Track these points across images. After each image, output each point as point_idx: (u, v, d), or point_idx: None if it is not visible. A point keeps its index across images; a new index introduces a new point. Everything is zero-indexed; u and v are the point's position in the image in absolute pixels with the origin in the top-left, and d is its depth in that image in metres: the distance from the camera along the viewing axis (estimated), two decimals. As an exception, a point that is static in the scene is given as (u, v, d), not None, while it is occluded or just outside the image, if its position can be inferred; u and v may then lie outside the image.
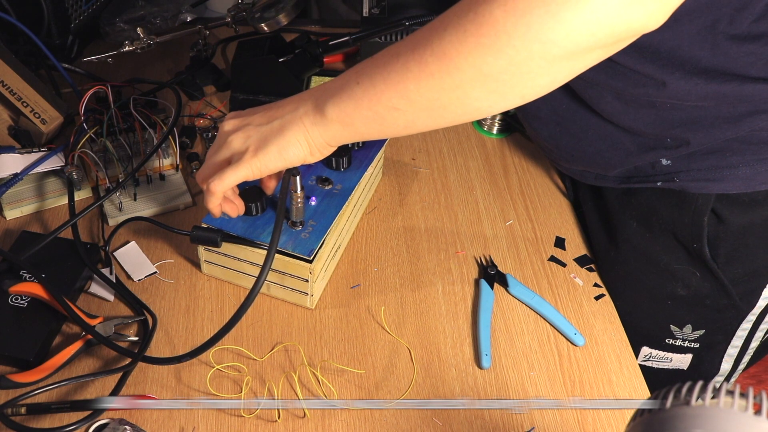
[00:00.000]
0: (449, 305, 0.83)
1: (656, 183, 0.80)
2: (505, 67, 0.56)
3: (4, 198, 0.88)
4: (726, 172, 0.76)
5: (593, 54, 0.56)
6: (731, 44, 0.68)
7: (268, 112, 0.71)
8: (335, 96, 0.66)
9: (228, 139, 0.72)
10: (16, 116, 0.93)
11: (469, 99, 0.60)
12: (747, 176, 0.75)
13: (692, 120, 0.74)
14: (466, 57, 0.57)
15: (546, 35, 0.53)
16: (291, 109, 0.69)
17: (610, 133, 0.80)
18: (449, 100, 0.60)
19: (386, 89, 0.62)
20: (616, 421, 0.73)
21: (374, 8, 1.08)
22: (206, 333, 0.78)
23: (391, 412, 0.72)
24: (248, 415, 0.71)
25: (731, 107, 0.72)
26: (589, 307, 0.84)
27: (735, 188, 0.76)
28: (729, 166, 0.76)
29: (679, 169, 0.78)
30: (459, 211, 0.94)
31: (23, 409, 0.69)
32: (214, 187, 0.71)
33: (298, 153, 0.69)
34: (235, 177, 0.70)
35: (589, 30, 0.53)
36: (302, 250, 0.76)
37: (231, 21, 1.05)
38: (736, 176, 0.76)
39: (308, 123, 0.68)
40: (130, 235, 0.87)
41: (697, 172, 0.77)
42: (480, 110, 0.62)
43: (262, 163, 0.69)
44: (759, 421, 0.41)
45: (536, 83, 0.58)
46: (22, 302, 0.76)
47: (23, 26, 0.95)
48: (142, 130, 0.93)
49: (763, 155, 0.75)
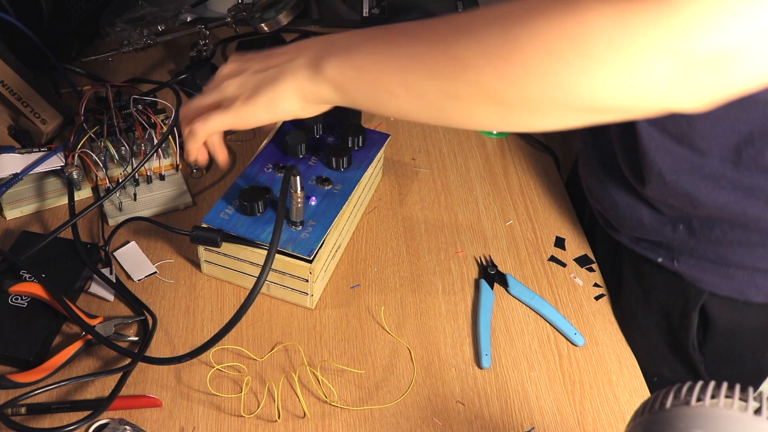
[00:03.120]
0: (449, 305, 0.83)
1: (658, 258, 0.77)
2: (515, 97, 0.52)
3: (4, 198, 0.88)
4: (723, 270, 0.72)
5: (611, 115, 0.52)
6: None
7: (267, 60, 0.67)
8: (338, 56, 0.61)
9: (223, 84, 0.68)
10: (16, 116, 0.93)
11: (469, 113, 0.56)
12: (742, 282, 0.72)
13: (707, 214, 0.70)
14: (478, 75, 0.52)
15: (568, 86, 0.48)
16: (289, 58, 0.64)
17: (632, 198, 0.77)
18: (449, 107, 0.57)
19: (391, 72, 0.58)
20: (616, 421, 0.73)
21: (374, 8, 1.09)
22: (206, 333, 0.78)
23: (391, 411, 0.72)
24: (248, 415, 0.71)
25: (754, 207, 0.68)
26: (589, 307, 0.84)
27: (727, 291, 0.73)
28: (727, 265, 0.72)
29: (681, 252, 0.75)
30: (459, 211, 0.94)
31: (23, 409, 0.69)
32: (197, 128, 0.68)
33: (289, 108, 0.65)
34: (221, 122, 0.67)
35: (615, 94, 0.47)
36: (302, 250, 0.76)
37: (231, 21, 1.05)
38: (731, 278, 0.72)
39: (303, 77, 0.62)
40: (130, 235, 0.87)
41: (696, 261, 0.74)
42: (477, 125, 0.58)
43: (250, 114, 0.66)
44: (759, 421, 0.41)
45: (542, 121, 0.54)
46: (22, 302, 0.76)
47: (23, 26, 0.95)
48: (142, 130, 0.93)
49: (764, 264, 0.71)
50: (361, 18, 1.08)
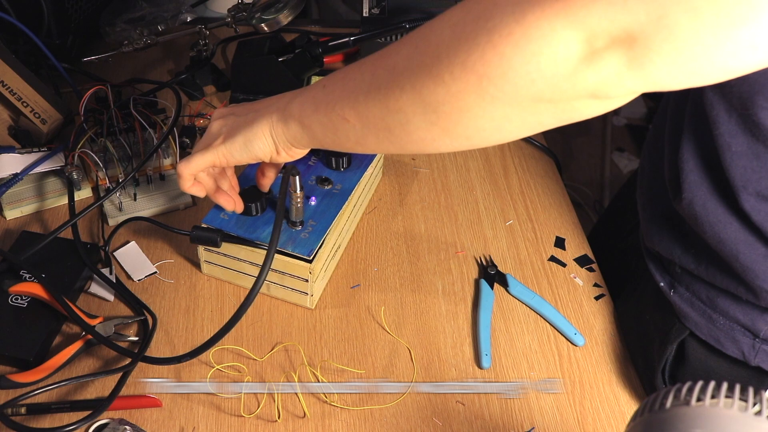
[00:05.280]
0: (449, 305, 0.83)
1: (660, 283, 0.75)
2: (443, 96, 0.52)
3: (4, 198, 0.88)
4: (709, 313, 0.71)
5: (541, 109, 0.51)
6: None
7: (252, 105, 0.72)
8: (302, 96, 0.65)
9: (210, 125, 0.73)
10: (16, 116, 0.93)
11: (411, 126, 0.57)
12: (722, 329, 0.70)
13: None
14: (408, 76, 0.54)
15: (483, 68, 0.49)
16: (267, 104, 0.69)
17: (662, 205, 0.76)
18: (392, 123, 0.58)
19: (341, 98, 0.61)
20: (616, 421, 0.73)
21: (374, 8, 1.09)
22: (206, 333, 0.78)
23: (391, 411, 0.72)
24: (248, 415, 0.71)
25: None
26: (589, 307, 0.84)
27: (706, 335, 0.71)
28: (714, 309, 0.70)
29: (681, 282, 0.73)
30: (459, 211, 0.94)
31: (23, 409, 0.69)
32: (179, 168, 0.72)
33: (263, 148, 0.69)
34: (202, 161, 0.71)
35: (528, 75, 0.48)
36: (302, 250, 0.76)
37: (231, 21, 1.05)
38: (714, 324, 0.70)
39: (275, 119, 0.67)
40: (130, 235, 0.87)
41: (690, 296, 0.72)
42: (425, 142, 0.58)
43: (228, 152, 0.70)
44: (759, 421, 0.41)
45: (479, 125, 0.54)
46: (22, 302, 0.76)
47: (23, 26, 0.95)
48: (142, 130, 0.93)
49: (745, 320, 0.69)
50: (361, 18, 1.08)
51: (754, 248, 0.64)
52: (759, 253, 0.64)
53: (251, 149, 0.69)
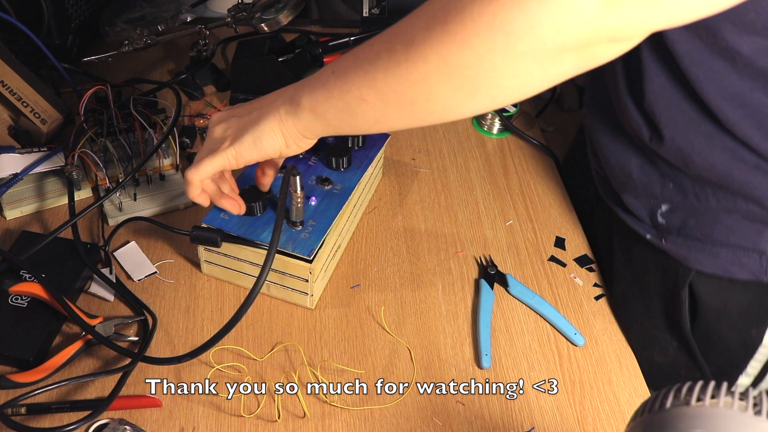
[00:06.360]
0: (449, 305, 0.83)
1: (647, 235, 0.78)
2: (470, 60, 0.54)
3: (4, 198, 0.88)
4: (708, 248, 0.73)
5: (564, 59, 0.53)
6: None
7: (251, 104, 0.72)
8: (310, 85, 0.65)
9: (212, 130, 0.73)
10: (16, 116, 0.93)
11: (436, 95, 0.58)
12: (727, 260, 0.72)
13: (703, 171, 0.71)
14: (432, 46, 0.55)
15: (510, 26, 0.51)
16: (270, 101, 0.69)
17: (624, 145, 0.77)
18: (416, 95, 0.58)
19: (356, 79, 0.61)
20: (616, 421, 0.73)
21: (374, 8, 1.09)
22: (206, 333, 0.78)
23: (391, 411, 0.72)
24: (248, 415, 0.71)
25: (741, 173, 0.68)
26: (589, 307, 0.84)
27: (712, 269, 0.73)
28: (712, 243, 0.73)
29: (669, 232, 0.75)
30: (459, 211, 0.94)
31: (23, 409, 0.69)
32: (189, 175, 0.71)
33: (273, 144, 0.69)
34: (211, 166, 0.71)
35: (555, 26, 0.50)
36: (302, 250, 0.76)
37: (231, 21, 1.05)
38: (716, 256, 0.73)
39: (283, 113, 0.67)
40: (130, 235, 0.87)
41: (683, 240, 0.74)
42: (449, 109, 0.59)
43: (237, 152, 0.69)
44: (759, 421, 0.41)
45: (504, 83, 0.55)
46: (22, 302, 0.76)
47: (23, 26, 0.95)
48: (142, 130, 0.93)
49: (748, 243, 0.72)
50: (361, 18, 1.08)
51: (746, 161, 0.66)
52: (751, 165, 0.66)
53: (261, 147, 0.69)
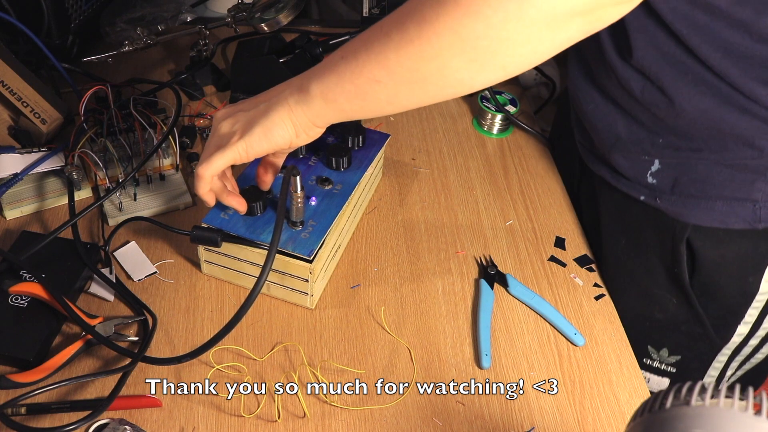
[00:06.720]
0: (449, 305, 0.83)
1: (640, 196, 0.80)
2: (483, 31, 0.55)
3: (4, 198, 0.88)
4: (703, 203, 0.75)
5: (572, 23, 0.55)
6: None
7: (256, 98, 0.72)
8: (318, 72, 0.66)
9: (218, 127, 0.72)
10: (16, 116, 0.93)
11: (449, 69, 0.59)
12: (722, 212, 0.75)
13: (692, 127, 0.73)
14: (445, 20, 0.56)
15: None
16: (277, 92, 0.69)
17: (610, 107, 0.79)
18: (429, 71, 0.59)
19: (368, 60, 0.61)
20: (616, 421, 0.73)
21: (374, 8, 1.08)
22: (206, 333, 0.78)
23: (391, 411, 0.72)
24: (248, 415, 0.71)
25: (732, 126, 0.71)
26: (589, 307, 0.84)
27: (709, 221, 0.76)
28: (707, 198, 0.75)
29: (663, 191, 0.78)
30: (459, 211, 0.94)
31: (23, 409, 0.69)
32: (200, 170, 0.71)
33: (284, 134, 0.69)
34: (222, 160, 0.70)
35: None
36: (302, 250, 0.76)
37: (231, 21, 1.05)
38: (712, 209, 0.75)
39: (292, 102, 0.67)
40: (130, 235, 0.87)
41: (678, 198, 0.77)
42: (461, 82, 0.60)
43: (248, 145, 0.69)
44: (759, 421, 0.41)
45: (516, 52, 0.56)
46: (22, 302, 0.76)
47: (23, 26, 0.95)
48: (142, 130, 0.93)
49: (741, 193, 0.74)
50: (361, 18, 1.08)
51: (735, 104, 0.69)
52: (740, 107, 0.69)
53: (271, 138, 0.69)
